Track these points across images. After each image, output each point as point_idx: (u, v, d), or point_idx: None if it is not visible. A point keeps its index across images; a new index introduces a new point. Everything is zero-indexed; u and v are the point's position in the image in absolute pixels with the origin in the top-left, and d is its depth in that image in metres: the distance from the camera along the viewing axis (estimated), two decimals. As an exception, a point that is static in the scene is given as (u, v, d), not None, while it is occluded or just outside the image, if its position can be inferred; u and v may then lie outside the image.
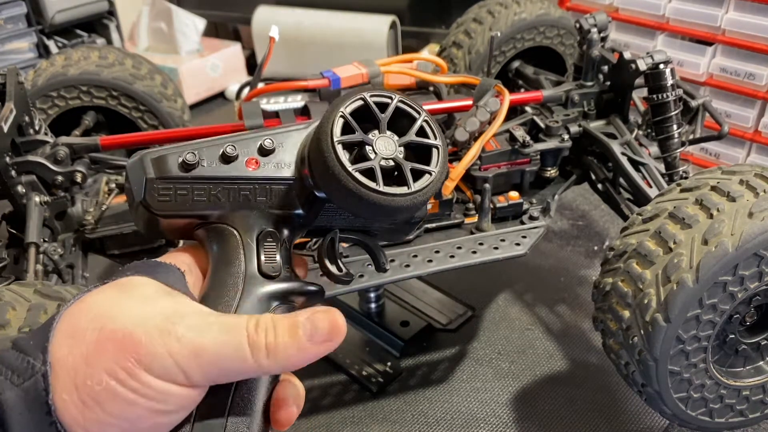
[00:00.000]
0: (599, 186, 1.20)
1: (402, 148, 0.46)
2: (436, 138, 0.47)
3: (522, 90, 1.40)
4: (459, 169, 1.05)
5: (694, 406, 0.93)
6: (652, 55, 1.09)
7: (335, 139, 0.43)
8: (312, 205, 0.48)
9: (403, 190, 0.44)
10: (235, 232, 0.45)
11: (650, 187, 1.09)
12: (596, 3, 1.75)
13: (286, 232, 0.48)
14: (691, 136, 1.15)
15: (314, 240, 0.98)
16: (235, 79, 2.42)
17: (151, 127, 1.36)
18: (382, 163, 0.44)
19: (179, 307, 0.40)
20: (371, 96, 0.45)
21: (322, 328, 0.40)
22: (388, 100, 0.46)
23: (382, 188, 0.43)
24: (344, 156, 0.43)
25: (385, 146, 0.45)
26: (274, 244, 0.46)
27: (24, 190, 0.99)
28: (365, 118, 0.45)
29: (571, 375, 1.22)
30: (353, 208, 0.45)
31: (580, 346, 1.28)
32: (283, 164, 0.46)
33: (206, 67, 2.33)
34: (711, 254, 0.82)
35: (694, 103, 1.14)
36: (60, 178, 1.01)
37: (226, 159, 0.44)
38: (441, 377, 1.22)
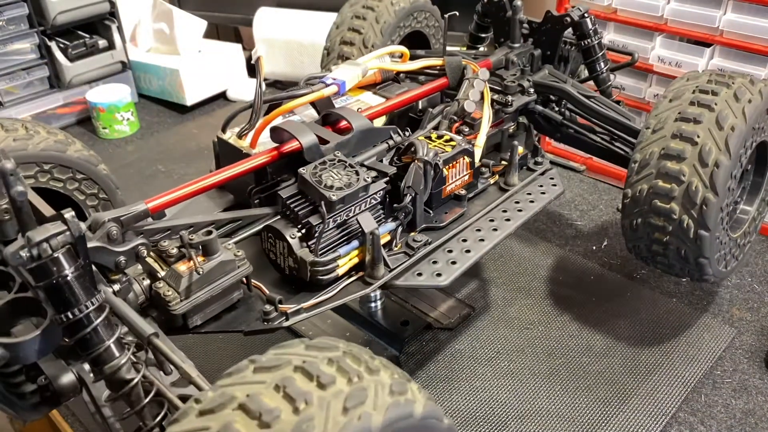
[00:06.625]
0: (557, 133, 1.37)
1: None
2: None
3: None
4: (482, 135, 1.15)
5: (721, 262, 1.15)
6: (578, 7, 1.35)
7: None
8: None
9: None
10: None
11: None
12: (594, 4, 1.75)
13: None
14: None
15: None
16: (235, 79, 2.43)
17: (91, 196, 1.12)
18: None
19: None
20: None
21: None
22: None
23: None
24: None
25: None
26: None
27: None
28: None
29: (570, 373, 1.23)
30: None
31: (579, 345, 1.29)
32: None
33: (207, 67, 2.34)
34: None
35: (606, 42, 1.42)
36: (122, 258, 0.84)
37: None
38: (440, 376, 1.23)
